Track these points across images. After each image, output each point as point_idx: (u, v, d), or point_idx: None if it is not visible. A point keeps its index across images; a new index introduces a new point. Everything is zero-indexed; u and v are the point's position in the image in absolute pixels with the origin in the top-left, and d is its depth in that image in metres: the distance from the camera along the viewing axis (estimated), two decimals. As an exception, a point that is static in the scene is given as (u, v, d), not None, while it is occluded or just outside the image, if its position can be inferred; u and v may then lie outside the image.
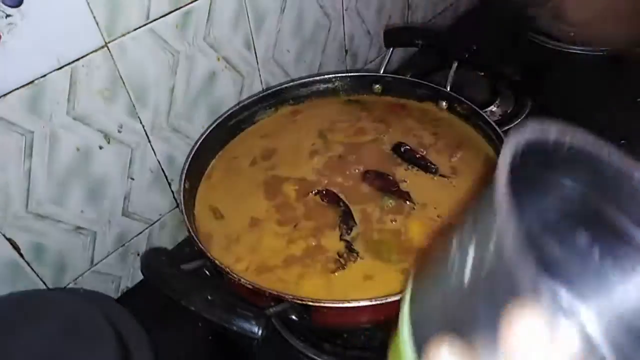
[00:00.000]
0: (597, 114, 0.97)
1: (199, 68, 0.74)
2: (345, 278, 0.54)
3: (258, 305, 0.48)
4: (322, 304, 0.46)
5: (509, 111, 0.99)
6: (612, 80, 1.08)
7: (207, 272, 0.51)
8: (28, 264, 0.65)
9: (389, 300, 0.45)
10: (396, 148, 0.69)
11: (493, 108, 0.99)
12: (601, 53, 1.13)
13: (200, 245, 0.51)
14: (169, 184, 0.79)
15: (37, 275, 0.66)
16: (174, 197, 0.80)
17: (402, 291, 0.49)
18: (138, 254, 0.79)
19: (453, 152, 0.67)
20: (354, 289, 0.52)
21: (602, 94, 1.03)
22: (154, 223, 0.80)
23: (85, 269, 0.72)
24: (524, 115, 0.97)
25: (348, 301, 0.46)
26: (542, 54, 1.17)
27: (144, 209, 0.77)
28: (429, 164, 0.66)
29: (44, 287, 0.68)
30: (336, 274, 0.54)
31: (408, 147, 0.68)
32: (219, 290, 0.42)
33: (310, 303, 0.45)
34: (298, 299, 0.46)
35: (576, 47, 1.15)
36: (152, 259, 0.45)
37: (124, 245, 0.76)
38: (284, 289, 0.53)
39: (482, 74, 1.05)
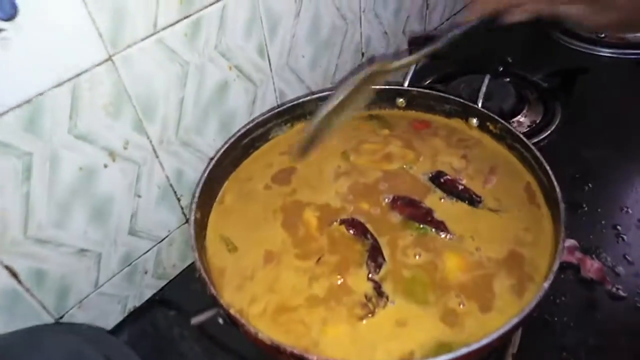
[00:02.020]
0: (630, 121, 0.91)
1: (209, 78, 0.69)
2: (375, 325, 0.49)
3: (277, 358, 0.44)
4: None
5: (538, 121, 0.92)
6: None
7: (220, 321, 0.46)
8: (27, 291, 0.61)
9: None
10: (435, 178, 0.64)
11: (521, 118, 0.93)
12: (635, 57, 1.06)
13: (212, 290, 0.46)
14: (178, 200, 0.75)
15: (38, 302, 0.63)
16: (182, 212, 0.76)
17: (441, 346, 0.45)
18: (146, 272, 0.76)
19: (487, 179, 0.62)
20: (384, 339, 0.48)
21: (635, 99, 0.97)
22: (162, 240, 0.76)
23: (89, 291, 0.69)
24: (554, 125, 0.91)
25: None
26: (571, 58, 1.10)
27: (152, 226, 0.73)
28: (473, 195, 0.60)
29: (45, 313, 0.64)
30: (364, 321, 0.49)
31: (449, 178, 0.62)
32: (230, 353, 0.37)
33: (339, 365, 0.41)
34: (324, 360, 0.41)
35: (607, 50, 1.09)
36: (160, 315, 0.40)
37: (130, 264, 0.73)
38: (306, 336, 0.49)
39: (508, 79, 0.99)
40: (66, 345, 0.55)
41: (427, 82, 1.05)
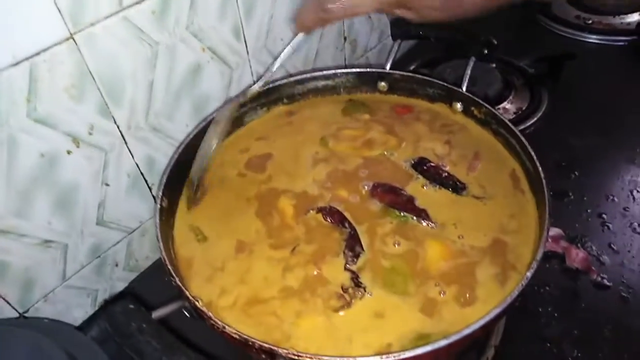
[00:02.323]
0: (617, 108, 0.90)
1: (181, 60, 0.66)
2: (351, 317, 0.46)
3: (246, 353, 0.41)
4: (322, 360, 0.38)
5: (524, 108, 0.90)
6: (634, 71, 1.00)
7: (186, 314, 0.43)
8: (-12, 285, 0.58)
9: (404, 356, 0.38)
10: (417, 165, 0.61)
11: (507, 105, 0.90)
12: (622, 43, 1.05)
13: (177, 281, 0.43)
14: (150, 189, 0.72)
15: (0, 295, 0.59)
16: (155, 201, 0.73)
17: (420, 338, 0.42)
18: (117, 265, 0.73)
19: (471, 165, 0.59)
20: (361, 331, 0.45)
21: (622, 86, 0.96)
22: (133, 231, 0.73)
23: (56, 284, 0.66)
24: (541, 112, 0.89)
25: (354, 357, 0.38)
26: (558, 44, 1.08)
27: (122, 217, 0.70)
28: (457, 182, 0.57)
29: (8, 307, 0.61)
30: (340, 313, 0.47)
31: (432, 164, 0.60)
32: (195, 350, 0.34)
33: (308, 359, 0.38)
34: (294, 355, 0.38)
35: (594, 36, 1.07)
36: (118, 310, 0.37)
37: (99, 256, 0.70)
38: (278, 328, 0.46)
39: (494, 65, 0.96)
40: (27, 341, 0.52)
41: (412, 67, 1.02)
